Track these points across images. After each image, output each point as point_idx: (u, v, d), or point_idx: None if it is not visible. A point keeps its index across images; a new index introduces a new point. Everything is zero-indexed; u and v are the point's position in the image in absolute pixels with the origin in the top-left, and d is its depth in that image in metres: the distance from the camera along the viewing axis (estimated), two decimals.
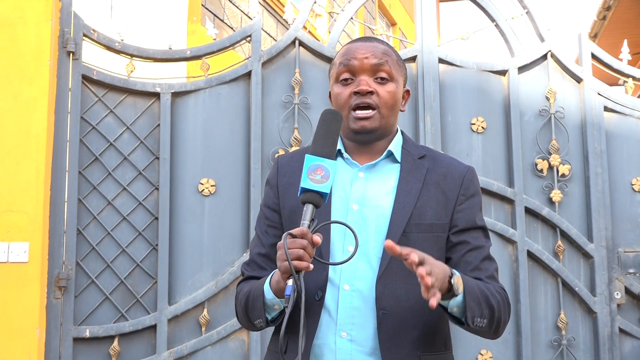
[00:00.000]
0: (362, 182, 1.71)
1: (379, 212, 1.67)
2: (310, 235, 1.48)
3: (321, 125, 1.58)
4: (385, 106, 1.70)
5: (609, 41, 8.39)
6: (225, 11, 7.32)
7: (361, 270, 1.65)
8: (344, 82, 1.72)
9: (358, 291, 1.64)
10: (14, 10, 3.48)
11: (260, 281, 1.68)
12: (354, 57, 1.71)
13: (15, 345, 3.28)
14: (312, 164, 1.51)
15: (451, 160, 1.80)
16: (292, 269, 1.44)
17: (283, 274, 1.49)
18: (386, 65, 1.71)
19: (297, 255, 1.45)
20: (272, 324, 1.68)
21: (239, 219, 3.64)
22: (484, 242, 1.73)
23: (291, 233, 1.48)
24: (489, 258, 1.73)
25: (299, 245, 1.46)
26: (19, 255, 3.32)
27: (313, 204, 1.50)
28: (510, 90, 3.92)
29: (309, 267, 1.46)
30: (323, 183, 1.50)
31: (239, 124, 3.71)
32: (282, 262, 1.48)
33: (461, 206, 1.71)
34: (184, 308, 3.52)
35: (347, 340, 1.63)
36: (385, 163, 1.74)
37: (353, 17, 3.95)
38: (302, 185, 1.50)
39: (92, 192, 3.55)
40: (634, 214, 3.98)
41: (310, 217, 1.50)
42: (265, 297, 1.63)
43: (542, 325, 3.81)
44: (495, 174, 3.86)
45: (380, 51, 1.72)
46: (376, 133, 1.71)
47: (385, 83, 1.71)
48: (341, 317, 1.64)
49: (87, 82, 3.59)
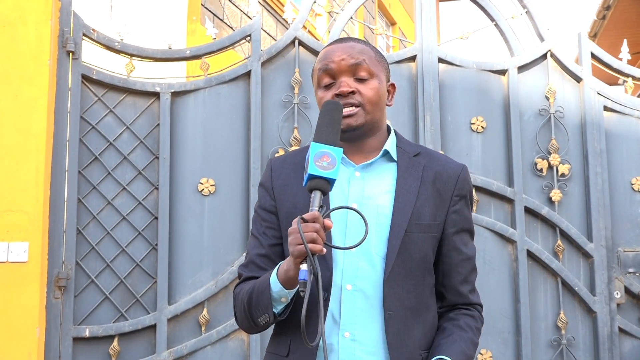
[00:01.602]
0: (359, 182, 1.71)
1: (379, 211, 1.67)
2: (322, 219, 1.49)
3: (324, 115, 1.59)
4: (369, 102, 1.70)
5: (608, 41, 8.39)
6: (224, 11, 7.32)
7: (363, 270, 1.65)
8: (326, 87, 1.72)
9: (361, 291, 1.64)
10: (13, 9, 3.48)
11: (263, 277, 1.67)
12: (331, 60, 1.71)
13: (15, 345, 3.28)
14: (318, 151, 1.52)
15: (445, 157, 1.82)
16: (308, 250, 1.44)
17: (296, 259, 1.48)
18: (364, 63, 1.70)
19: (311, 238, 1.45)
20: (280, 317, 1.66)
21: (239, 218, 3.64)
22: (472, 250, 1.78)
23: (303, 217, 1.48)
24: (474, 268, 1.80)
25: (312, 228, 1.46)
26: (19, 255, 3.32)
27: (321, 191, 1.51)
28: (510, 89, 3.92)
29: (322, 250, 1.47)
30: (330, 169, 1.51)
31: (239, 123, 3.71)
32: (296, 246, 1.47)
33: (455, 207, 1.73)
34: (183, 308, 3.52)
35: (350, 340, 1.63)
36: (382, 162, 1.75)
37: (353, 16, 3.95)
38: (310, 172, 1.50)
39: (91, 192, 3.54)
40: (633, 213, 3.98)
41: (319, 203, 1.50)
42: (272, 290, 1.61)
43: (542, 325, 3.81)
44: (495, 174, 3.86)
45: (357, 50, 1.72)
46: (363, 129, 1.71)
47: (365, 81, 1.71)
48: (344, 317, 1.64)
49: (86, 82, 3.59)
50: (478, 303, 1.79)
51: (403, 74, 3.85)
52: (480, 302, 1.80)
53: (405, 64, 3.87)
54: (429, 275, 1.72)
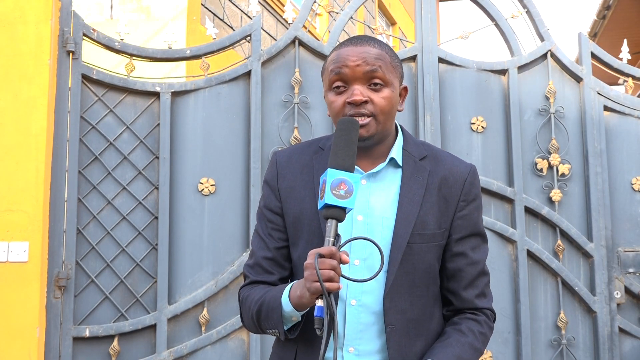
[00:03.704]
0: (365, 191, 1.67)
1: (384, 224, 1.64)
2: (339, 255, 1.46)
3: (340, 135, 1.53)
4: (381, 113, 1.63)
5: (608, 40, 8.39)
6: (225, 10, 7.32)
7: (368, 285, 1.62)
8: (337, 89, 1.65)
9: (365, 306, 1.63)
10: (13, 9, 3.49)
11: (274, 292, 1.63)
12: (345, 64, 1.63)
13: (15, 345, 3.28)
14: (335, 178, 1.48)
15: (452, 159, 1.75)
16: (325, 290, 1.42)
17: (312, 295, 1.47)
18: (379, 70, 1.63)
19: (328, 276, 1.43)
20: (290, 336, 1.64)
21: (239, 218, 3.64)
22: (480, 255, 1.72)
23: (320, 253, 1.45)
24: (483, 272, 1.73)
25: (329, 266, 1.44)
26: (19, 254, 3.32)
27: (336, 220, 1.49)
28: (510, 89, 3.92)
29: (339, 287, 1.45)
30: (347, 198, 1.48)
31: (239, 123, 3.71)
32: (312, 282, 1.45)
33: (461, 212, 1.69)
34: (183, 307, 3.52)
35: (354, 355, 1.62)
36: (388, 169, 1.70)
37: (353, 16, 3.95)
38: (327, 202, 1.47)
39: (91, 192, 3.54)
40: (633, 213, 3.98)
41: (334, 233, 1.48)
42: (283, 310, 1.59)
43: (542, 325, 3.81)
44: (495, 174, 3.86)
45: (373, 56, 1.64)
46: (374, 139, 1.66)
47: (379, 89, 1.64)
48: (349, 331, 1.62)
49: (86, 82, 3.59)
50: (487, 307, 1.73)
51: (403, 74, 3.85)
52: (489, 307, 1.74)
53: (405, 64, 3.87)
54: (433, 284, 1.69)
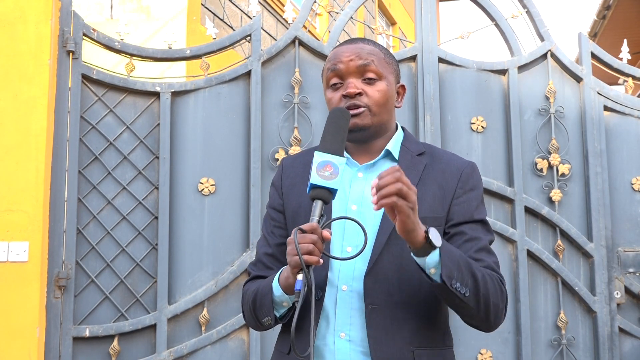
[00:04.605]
0: (360, 183, 1.72)
1: (376, 213, 1.66)
2: (320, 231, 1.50)
3: (330, 122, 1.60)
4: (376, 104, 1.70)
5: (608, 40, 8.39)
6: (225, 10, 7.32)
7: (359, 271, 1.64)
8: (334, 86, 1.73)
9: (356, 292, 1.64)
10: (13, 9, 3.49)
11: (267, 279, 1.70)
12: (340, 60, 1.72)
13: (15, 345, 3.28)
14: (321, 160, 1.53)
15: (451, 156, 1.78)
16: (303, 263, 1.46)
17: (293, 269, 1.51)
18: (372, 64, 1.71)
19: (307, 249, 1.47)
20: (281, 321, 1.69)
21: (239, 218, 3.64)
22: (482, 235, 1.68)
23: (301, 228, 1.49)
24: (486, 250, 1.67)
25: (309, 240, 1.48)
26: (19, 254, 3.32)
27: (322, 200, 1.52)
28: (510, 89, 3.92)
29: (319, 261, 1.48)
30: (332, 179, 1.52)
31: (239, 123, 3.71)
32: (292, 256, 1.49)
33: (459, 199, 1.69)
34: (183, 307, 3.52)
35: (346, 341, 1.63)
36: (384, 162, 1.74)
37: (353, 16, 3.95)
38: (312, 182, 1.52)
39: (91, 192, 3.55)
40: (633, 213, 3.98)
41: (320, 213, 1.52)
42: (273, 294, 1.64)
43: (542, 325, 3.81)
44: (495, 174, 3.86)
45: (366, 51, 1.72)
46: (370, 130, 1.71)
47: (373, 82, 1.71)
48: (339, 317, 1.64)
49: (86, 82, 3.59)
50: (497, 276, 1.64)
51: (403, 74, 3.85)
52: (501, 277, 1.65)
53: (405, 64, 3.87)
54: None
